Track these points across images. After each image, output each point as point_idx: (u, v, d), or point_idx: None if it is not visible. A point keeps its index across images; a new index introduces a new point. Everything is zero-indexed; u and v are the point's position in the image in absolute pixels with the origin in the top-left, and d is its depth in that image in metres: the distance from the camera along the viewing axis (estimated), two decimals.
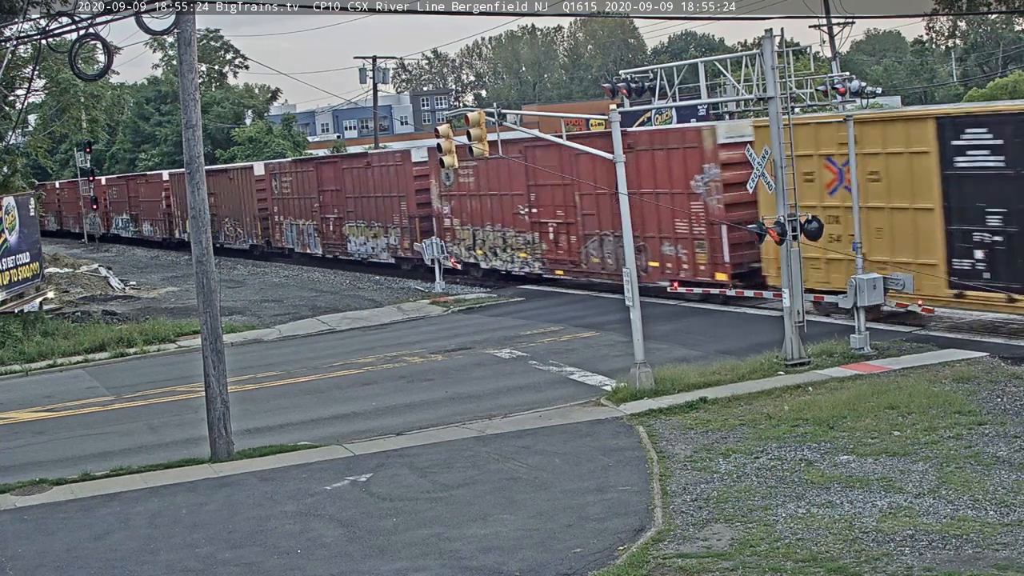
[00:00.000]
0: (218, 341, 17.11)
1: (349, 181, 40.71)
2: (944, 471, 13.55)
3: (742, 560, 11.30)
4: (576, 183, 29.42)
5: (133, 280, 45.72)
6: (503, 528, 12.98)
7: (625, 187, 19.57)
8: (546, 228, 31.39)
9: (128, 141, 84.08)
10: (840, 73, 23.36)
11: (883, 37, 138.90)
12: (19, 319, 30.40)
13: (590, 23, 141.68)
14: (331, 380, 22.84)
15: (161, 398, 22.31)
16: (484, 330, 27.10)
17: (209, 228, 17.36)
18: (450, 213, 35.53)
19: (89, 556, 13.27)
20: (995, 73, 76.35)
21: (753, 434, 15.85)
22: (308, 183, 43.46)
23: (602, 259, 29.59)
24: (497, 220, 33.29)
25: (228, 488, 15.57)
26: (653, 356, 20.34)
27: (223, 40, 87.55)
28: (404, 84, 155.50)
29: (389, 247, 38.86)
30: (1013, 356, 19.45)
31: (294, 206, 44.76)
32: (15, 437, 20.08)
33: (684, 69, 22.40)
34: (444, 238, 35.48)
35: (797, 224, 20.23)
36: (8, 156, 36.00)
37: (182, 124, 17.07)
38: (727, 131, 26.13)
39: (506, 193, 32.76)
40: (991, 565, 10.66)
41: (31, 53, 34.31)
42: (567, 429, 17.23)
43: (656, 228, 27.79)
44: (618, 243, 25.81)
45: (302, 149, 67.82)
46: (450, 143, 20.57)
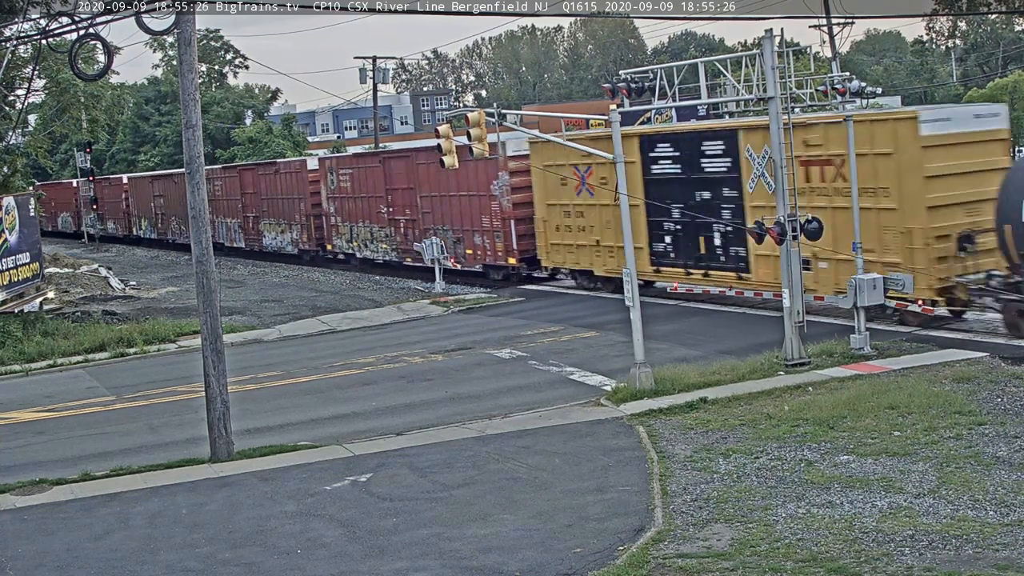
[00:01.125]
0: (218, 341, 17.11)
1: (264, 185, 46.89)
2: (944, 471, 13.55)
3: (742, 560, 11.30)
4: (418, 188, 36.71)
5: (133, 280, 45.73)
6: (503, 528, 12.98)
7: (625, 187, 19.56)
8: (399, 224, 38.44)
9: (128, 141, 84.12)
10: (840, 73, 23.36)
11: (883, 37, 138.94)
12: (19, 319, 30.40)
13: (590, 23, 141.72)
14: (331, 380, 22.84)
15: (161, 398, 22.30)
16: (484, 330, 27.11)
17: (209, 228, 17.35)
18: (334, 212, 42.40)
19: (89, 556, 13.27)
20: (995, 73, 76.33)
21: (753, 434, 15.86)
22: (234, 187, 49.57)
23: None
24: (367, 218, 40.09)
25: (228, 488, 15.57)
26: (653, 356, 20.34)
27: (223, 40, 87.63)
28: (404, 84, 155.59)
29: (293, 240, 45.46)
30: (1013, 356, 19.45)
31: (225, 207, 50.91)
32: (15, 437, 20.07)
33: (684, 69, 22.40)
34: (330, 233, 42.69)
35: (798, 224, 20.23)
36: (8, 156, 35.99)
37: (182, 124, 17.07)
38: (514, 146, 32.47)
39: (372, 196, 39.51)
40: (991, 565, 10.66)
41: (31, 53, 34.31)
42: (567, 429, 17.23)
43: (470, 223, 34.58)
44: (446, 235, 35.48)
45: (302, 149, 67.82)
46: (450, 143, 20.58)
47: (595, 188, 29.36)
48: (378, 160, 39.54)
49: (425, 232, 36.38)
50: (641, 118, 46.31)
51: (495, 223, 33.55)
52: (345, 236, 41.90)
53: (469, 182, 34.14)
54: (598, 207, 29.77)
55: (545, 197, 31.94)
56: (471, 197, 34.28)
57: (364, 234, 40.25)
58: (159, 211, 59.14)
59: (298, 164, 45.72)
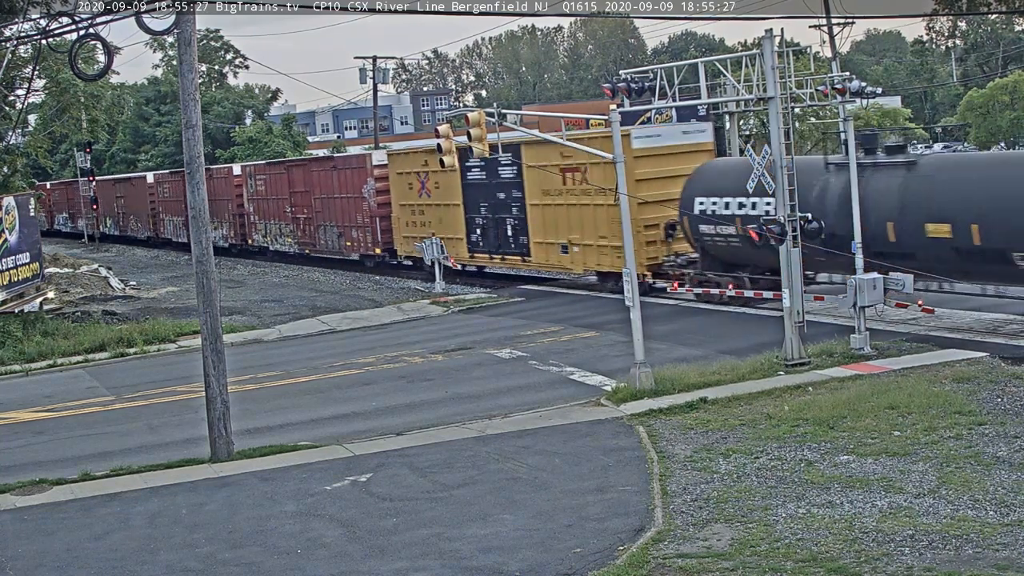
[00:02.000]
0: (218, 341, 17.11)
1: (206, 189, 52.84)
2: (944, 471, 13.55)
3: (742, 560, 11.30)
4: (312, 191, 43.59)
5: (133, 280, 45.75)
6: (503, 528, 12.98)
7: (625, 187, 19.56)
8: (299, 221, 45.14)
9: (128, 141, 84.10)
10: (840, 73, 23.36)
11: (883, 37, 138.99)
12: (19, 319, 30.40)
13: (590, 23, 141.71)
14: (331, 380, 22.84)
15: (161, 398, 22.30)
16: (484, 330, 27.11)
17: (209, 228, 17.35)
18: (253, 211, 49.88)
19: (89, 556, 13.27)
20: (995, 73, 76.31)
21: (753, 434, 15.85)
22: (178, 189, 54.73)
23: (325, 241, 43.63)
24: (277, 216, 46.84)
25: (228, 488, 15.57)
26: (653, 356, 20.34)
27: (223, 40, 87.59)
28: (404, 84, 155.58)
29: (224, 236, 51.97)
30: (1013, 356, 19.46)
31: (172, 207, 57.34)
32: (15, 437, 20.07)
33: (684, 69, 22.40)
34: (250, 229, 50.25)
35: (798, 224, 20.24)
36: (8, 156, 35.99)
37: (182, 124, 17.07)
38: (378, 158, 40.43)
39: (279, 198, 46.23)
40: (991, 565, 10.66)
41: (31, 53, 34.29)
42: (567, 429, 17.23)
43: (349, 220, 41.45)
44: (334, 231, 42.24)
45: (302, 149, 67.91)
46: (450, 143, 20.60)
47: (431, 191, 36.89)
48: (284, 168, 46.86)
49: (318, 227, 43.56)
50: (641, 118, 46.36)
51: (365, 220, 40.51)
52: (261, 232, 49.41)
53: (347, 186, 41.09)
54: (433, 207, 37.03)
55: (399, 199, 38.91)
56: (349, 199, 41.12)
57: (275, 230, 47.12)
58: (120, 211, 67.72)
59: (226, 171, 53.21)
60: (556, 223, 31.58)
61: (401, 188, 38.46)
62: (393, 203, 39.09)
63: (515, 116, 23.82)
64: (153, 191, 60.97)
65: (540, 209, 32.00)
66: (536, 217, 32.41)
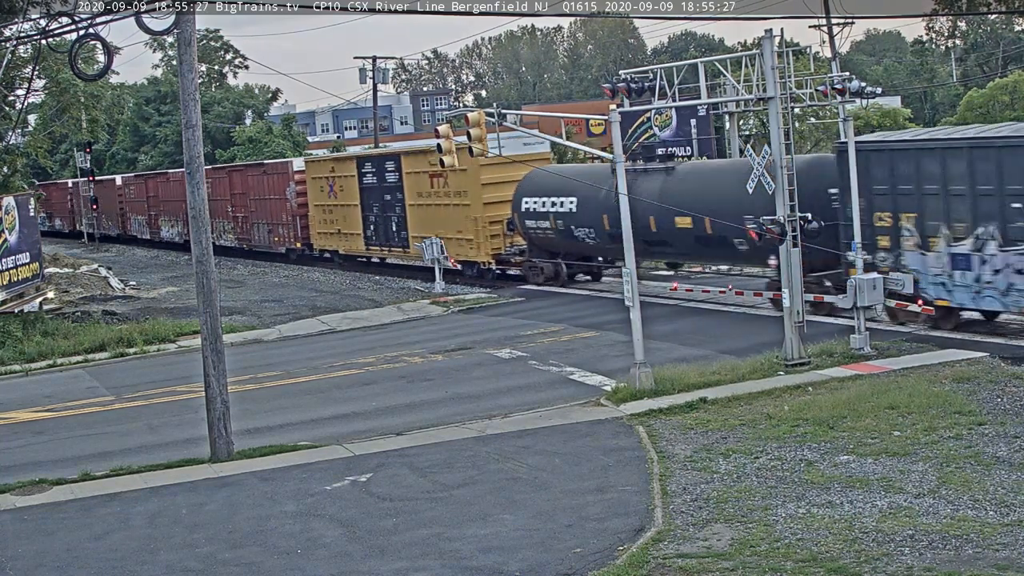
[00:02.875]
0: (218, 341, 17.11)
1: (161, 190, 60.10)
2: (944, 471, 13.55)
3: (742, 560, 11.31)
4: (248, 193, 49.42)
5: (133, 280, 45.74)
6: (503, 528, 12.98)
7: (625, 187, 19.56)
8: (238, 219, 50.96)
9: (128, 141, 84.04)
10: (840, 73, 23.35)
11: (883, 37, 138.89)
12: (19, 319, 30.40)
13: (590, 23, 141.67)
14: (331, 380, 22.84)
15: (161, 398, 22.30)
16: (484, 330, 27.11)
17: (209, 228, 17.34)
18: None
19: (89, 556, 13.27)
20: (995, 73, 76.33)
21: (753, 434, 15.86)
22: (141, 191, 62.46)
23: (258, 237, 49.35)
24: (221, 215, 51.41)
25: (228, 488, 15.57)
26: (653, 356, 20.34)
27: (223, 40, 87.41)
28: (404, 84, 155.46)
29: (179, 233, 56.40)
30: (1013, 356, 19.47)
31: (139, 207, 64.07)
32: (15, 437, 20.07)
33: (684, 69, 22.39)
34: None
35: (798, 224, 20.24)
36: (8, 156, 35.99)
37: (182, 124, 17.07)
38: (298, 165, 46.65)
39: (223, 199, 51.11)
40: (991, 565, 10.66)
41: (31, 53, 34.28)
42: (567, 429, 17.23)
43: (276, 218, 47.49)
44: (264, 227, 48.41)
45: (302, 149, 67.83)
46: (450, 143, 20.63)
47: (337, 193, 42.37)
48: (226, 173, 52.59)
49: (252, 225, 49.59)
50: (641, 118, 46.31)
51: (288, 218, 46.45)
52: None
53: (274, 189, 47.27)
54: (339, 207, 42.40)
55: (314, 200, 44.56)
56: (276, 200, 47.12)
57: (220, 227, 51.51)
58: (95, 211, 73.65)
59: (180, 175, 56.12)
60: (429, 220, 36.91)
61: (315, 191, 44.32)
62: (309, 204, 45.02)
63: (515, 116, 23.83)
64: (122, 192, 67.52)
65: (416, 209, 37.71)
66: (413, 215, 38.00)
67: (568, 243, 31.49)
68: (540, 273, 33.09)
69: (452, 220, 35.51)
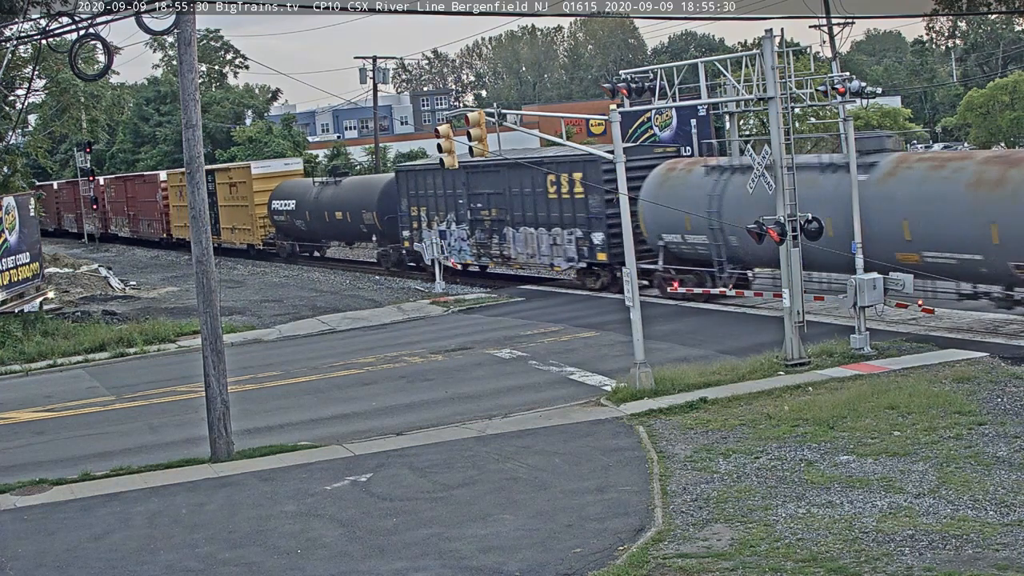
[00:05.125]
0: (218, 341, 17.11)
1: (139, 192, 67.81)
2: (944, 471, 13.55)
3: (742, 560, 11.31)
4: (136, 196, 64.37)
5: (133, 280, 45.75)
6: (503, 528, 12.98)
7: (625, 187, 19.57)
8: (131, 216, 65.26)
9: (128, 141, 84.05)
10: (840, 73, 23.36)
11: (883, 37, 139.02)
12: (19, 319, 30.40)
13: (590, 23, 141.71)
14: (331, 380, 22.84)
15: (161, 398, 22.30)
16: (484, 330, 27.11)
17: (209, 228, 17.34)
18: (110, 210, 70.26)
19: (89, 556, 13.27)
20: (995, 73, 76.35)
21: (753, 434, 15.85)
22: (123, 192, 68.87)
23: (142, 229, 63.57)
24: (121, 213, 66.80)
25: (228, 488, 15.57)
26: (653, 356, 20.34)
27: (223, 40, 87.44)
28: (404, 84, 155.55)
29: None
30: (1013, 356, 19.46)
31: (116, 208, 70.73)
32: (15, 437, 20.07)
33: (684, 69, 22.38)
34: (107, 223, 70.58)
35: (798, 224, 20.24)
36: (8, 156, 35.99)
37: (182, 124, 17.06)
38: (164, 176, 60.47)
39: (123, 200, 66.68)
40: (991, 565, 10.66)
41: (31, 53, 34.30)
42: (567, 429, 17.23)
43: (152, 215, 61.61)
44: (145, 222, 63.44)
45: (302, 149, 67.82)
46: (450, 143, 20.61)
47: (183, 197, 46.29)
48: (123, 181, 66.99)
49: (139, 220, 64.76)
50: (641, 118, 46.34)
51: (159, 215, 60.76)
52: (114, 223, 70.07)
53: (151, 194, 61.66)
54: (184, 207, 49.38)
55: (174, 202, 57.69)
56: (152, 202, 61.81)
57: (120, 223, 67.63)
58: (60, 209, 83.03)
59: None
60: (229, 216, 52.32)
61: (174, 195, 57.70)
62: (171, 205, 58.95)
63: (515, 116, 23.81)
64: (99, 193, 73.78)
65: (223, 208, 52.52)
66: (222, 212, 52.52)
67: (297, 230, 47.35)
68: (283, 250, 49.16)
69: (240, 216, 51.67)
